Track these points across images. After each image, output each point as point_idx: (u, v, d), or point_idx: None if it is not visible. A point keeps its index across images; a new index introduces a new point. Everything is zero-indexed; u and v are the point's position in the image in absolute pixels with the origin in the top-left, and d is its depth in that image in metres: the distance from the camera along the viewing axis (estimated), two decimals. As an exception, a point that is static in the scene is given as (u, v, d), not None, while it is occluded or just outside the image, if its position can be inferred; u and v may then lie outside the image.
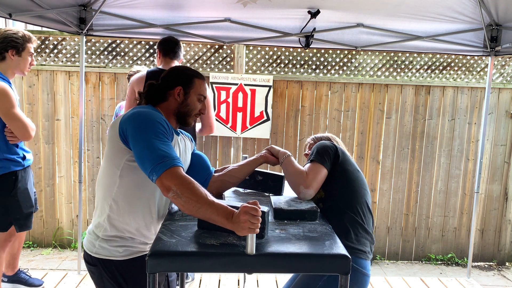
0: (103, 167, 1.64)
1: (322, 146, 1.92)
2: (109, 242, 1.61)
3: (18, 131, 2.58)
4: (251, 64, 4.05)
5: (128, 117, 1.55)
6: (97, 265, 1.63)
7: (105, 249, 1.61)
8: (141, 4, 3.08)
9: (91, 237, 1.66)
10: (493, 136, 4.14)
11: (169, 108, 1.71)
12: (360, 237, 1.83)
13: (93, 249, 1.63)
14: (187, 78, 1.73)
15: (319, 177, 1.84)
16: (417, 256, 4.27)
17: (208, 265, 1.29)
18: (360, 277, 1.79)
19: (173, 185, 1.38)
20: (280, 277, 3.55)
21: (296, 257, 1.31)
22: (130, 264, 1.62)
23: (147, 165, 1.43)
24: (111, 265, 1.61)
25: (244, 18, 3.31)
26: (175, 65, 1.88)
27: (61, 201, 4.08)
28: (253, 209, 1.27)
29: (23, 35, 2.64)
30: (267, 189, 2.05)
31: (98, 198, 1.66)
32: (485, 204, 4.23)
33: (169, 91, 1.71)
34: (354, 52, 4.04)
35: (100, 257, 1.61)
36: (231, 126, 3.99)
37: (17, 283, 3.14)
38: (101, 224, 1.63)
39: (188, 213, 1.40)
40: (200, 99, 1.75)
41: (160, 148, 1.45)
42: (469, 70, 4.12)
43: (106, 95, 3.98)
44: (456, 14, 3.08)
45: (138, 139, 1.47)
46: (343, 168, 1.90)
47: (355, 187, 1.90)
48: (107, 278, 1.62)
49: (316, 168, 1.85)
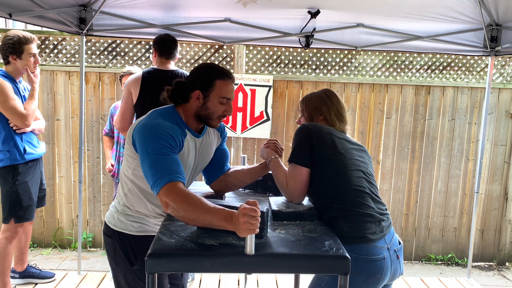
0: (124, 160, 1.75)
1: (297, 141, 1.76)
2: (127, 217, 1.74)
3: (15, 120, 2.73)
4: (251, 64, 4.05)
5: (139, 128, 1.60)
6: (112, 237, 1.75)
7: (122, 222, 1.73)
8: (141, 4, 3.08)
9: (113, 210, 1.80)
10: (493, 136, 4.14)
11: (190, 110, 1.70)
12: (354, 223, 1.65)
13: (112, 221, 1.76)
14: (207, 81, 1.66)
15: (299, 182, 1.72)
16: (417, 256, 4.27)
17: (207, 265, 1.29)
18: (363, 265, 1.61)
19: (170, 201, 1.43)
20: (280, 277, 3.55)
21: (295, 258, 1.31)
22: (143, 241, 1.68)
23: (149, 180, 1.51)
24: (125, 239, 1.73)
25: (244, 18, 3.31)
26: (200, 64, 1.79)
27: (61, 201, 4.08)
28: (252, 210, 1.27)
29: (18, 38, 2.73)
30: (267, 189, 2.05)
31: (121, 176, 1.77)
32: (485, 204, 4.22)
33: (190, 93, 1.68)
34: (354, 52, 4.03)
35: (117, 229, 1.74)
36: (231, 126, 3.99)
37: (29, 278, 3.23)
38: (122, 200, 1.77)
39: (191, 224, 1.45)
40: (222, 102, 1.67)
41: (161, 164, 1.49)
42: (469, 70, 4.12)
43: (106, 95, 3.98)
44: (456, 14, 3.08)
45: (143, 154, 1.54)
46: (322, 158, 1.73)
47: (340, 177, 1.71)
48: (119, 251, 1.73)
49: (294, 171, 1.73)
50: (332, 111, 1.89)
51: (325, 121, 1.89)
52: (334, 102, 1.90)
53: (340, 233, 1.57)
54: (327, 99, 1.90)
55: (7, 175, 2.80)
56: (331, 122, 1.88)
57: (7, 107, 2.69)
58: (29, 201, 2.87)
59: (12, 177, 2.80)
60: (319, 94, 1.94)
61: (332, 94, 1.94)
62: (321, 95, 1.92)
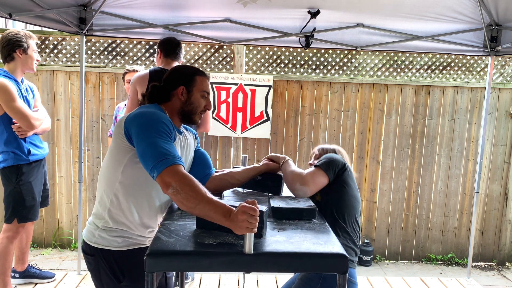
0: (106, 162, 1.67)
1: (332, 158, 1.96)
2: (109, 232, 1.64)
3: (21, 122, 2.74)
4: (251, 64, 4.05)
5: (134, 116, 1.58)
6: (95, 255, 1.66)
7: (104, 239, 1.64)
8: (141, 4, 3.08)
9: (91, 227, 1.69)
10: (493, 136, 4.13)
11: (173, 108, 1.74)
12: (348, 247, 1.90)
13: (92, 239, 1.66)
14: (189, 77, 1.75)
15: (317, 180, 1.88)
16: (417, 256, 4.27)
17: (206, 265, 1.29)
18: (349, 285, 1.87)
19: (173, 182, 1.39)
20: (280, 277, 3.54)
21: (294, 257, 1.32)
22: (128, 256, 1.65)
23: (149, 162, 1.45)
24: (109, 255, 1.64)
25: (244, 18, 3.31)
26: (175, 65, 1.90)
27: (61, 201, 4.08)
28: (251, 209, 1.27)
29: (24, 34, 2.83)
30: (266, 189, 2.05)
31: (99, 191, 1.69)
32: (485, 204, 4.22)
33: (172, 91, 1.73)
34: (354, 52, 4.04)
35: (99, 246, 1.65)
36: (231, 126, 3.99)
37: (29, 278, 3.25)
38: (101, 216, 1.66)
39: (186, 209, 1.41)
40: (203, 96, 1.77)
41: (163, 146, 1.47)
42: (469, 70, 4.12)
43: (106, 95, 3.98)
44: (456, 14, 3.08)
45: (142, 137, 1.50)
46: (346, 181, 1.95)
47: (351, 201, 1.96)
48: (104, 269, 1.65)
49: (317, 172, 1.91)
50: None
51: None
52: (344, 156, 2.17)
53: None
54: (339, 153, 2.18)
55: (11, 175, 2.81)
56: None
57: (13, 108, 2.68)
58: (32, 201, 2.88)
59: (16, 177, 2.80)
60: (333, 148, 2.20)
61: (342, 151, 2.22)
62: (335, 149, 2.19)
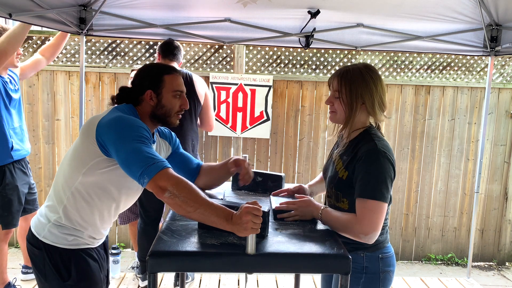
0: (69, 157, 1.59)
1: (381, 172, 1.49)
2: (60, 229, 1.58)
3: None
4: (251, 64, 4.04)
5: (110, 122, 1.47)
6: (41, 249, 1.59)
7: (54, 235, 1.58)
8: (141, 4, 3.08)
9: (42, 220, 1.62)
10: (493, 136, 4.14)
11: (144, 112, 1.63)
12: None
13: (41, 233, 1.60)
14: (155, 78, 1.61)
15: (381, 220, 1.49)
16: (417, 256, 4.27)
17: (208, 265, 1.29)
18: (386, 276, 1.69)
19: (169, 186, 1.33)
20: (280, 277, 3.54)
21: (296, 257, 1.32)
22: (75, 254, 1.61)
23: (135, 168, 1.37)
24: (56, 252, 1.59)
25: (244, 18, 3.31)
26: (142, 65, 1.74)
27: (61, 201, 4.07)
28: (255, 209, 1.27)
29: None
30: (267, 190, 2.04)
31: (57, 184, 1.61)
32: (485, 204, 4.23)
33: (140, 96, 1.62)
34: (354, 52, 4.03)
35: (47, 241, 1.59)
36: (231, 126, 3.99)
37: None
38: (56, 210, 1.59)
39: (184, 213, 1.35)
40: (176, 95, 1.63)
41: (147, 151, 1.40)
42: (469, 70, 4.12)
43: (106, 95, 3.97)
44: (456, 14, 3.08)
45: (122, 145, 1.41)
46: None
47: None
48: (49, 264, 1.59)
49: (378, 209, 1.48)
50: (376, 99, 1.58)
51: (365, 111, 1.61)
52: (378, 88, 1.58)
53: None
54: (372, 84, 1.57)
55: None
56: (372, 113, 1.61)
57: None
58: (18, 207, 2.81)
59: (1, 180, 2.72)
60: (362, 75, 1.57)
61: (376, 75, 1.59)
62: (366, 78, 1.57)
